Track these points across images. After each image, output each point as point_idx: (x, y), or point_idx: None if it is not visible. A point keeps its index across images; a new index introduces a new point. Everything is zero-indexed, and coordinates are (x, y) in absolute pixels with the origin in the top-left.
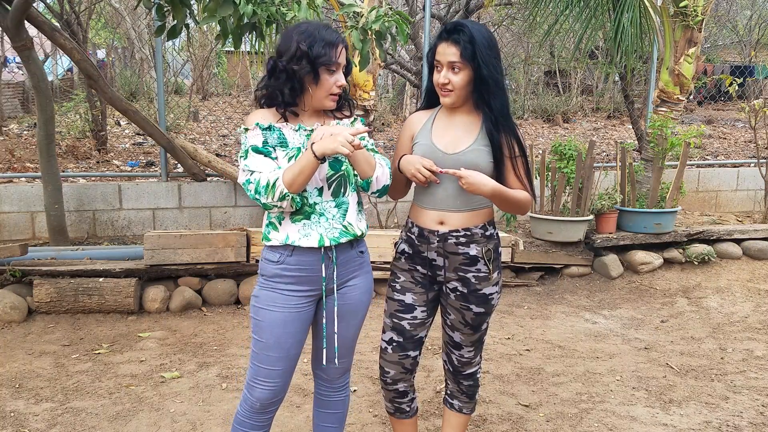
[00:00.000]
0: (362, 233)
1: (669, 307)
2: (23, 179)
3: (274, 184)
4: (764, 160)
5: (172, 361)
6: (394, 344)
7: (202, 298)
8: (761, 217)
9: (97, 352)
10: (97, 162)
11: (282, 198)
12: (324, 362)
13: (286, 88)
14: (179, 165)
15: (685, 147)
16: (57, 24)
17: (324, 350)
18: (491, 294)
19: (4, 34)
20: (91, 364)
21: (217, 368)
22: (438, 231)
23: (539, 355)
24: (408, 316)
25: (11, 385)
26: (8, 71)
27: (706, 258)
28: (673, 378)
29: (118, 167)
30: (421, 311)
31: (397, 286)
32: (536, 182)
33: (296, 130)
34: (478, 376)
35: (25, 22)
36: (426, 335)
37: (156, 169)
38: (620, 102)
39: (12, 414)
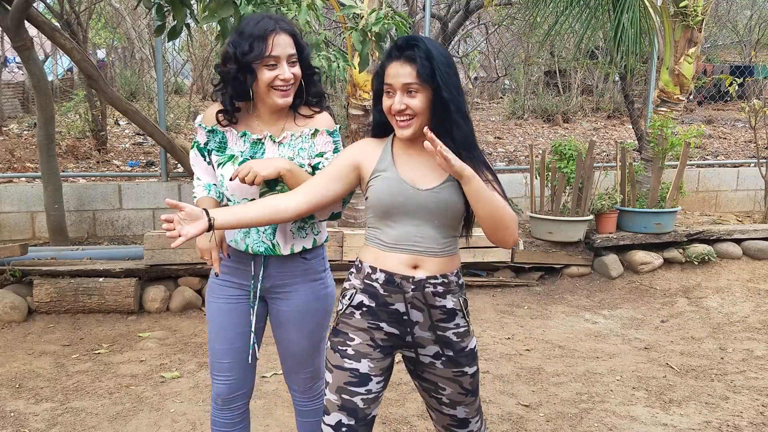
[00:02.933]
0: (294, 252)
1: (669, 307)
2: (23, 179)
3: None
4: (764, 160)
5: (172, 361)
6: (344, 430)
7: (202, 298)
8: (761, 217)
9: (97, 352)
10: (97, 162)
11: None
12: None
13: (227, 94)
14: (179, 165)
15: (685, 147)
16: (57, 24)
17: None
18: (474, 347)
19: (4, 34)
20: (91, 364)
21: None
22: (413, 277)
23: (539, 355)
24: (362, 389)
25: (11, 385)
26: (8, 71)
27: (706, 258)
28: (673, 378)
29: (118, 167)
30: (377, 382)
31: (349, 351)
32: (536, 182)
33: (240, 137)
34: None
35: (25, 22)
36: (376, 414)
37: (156, 169)
38: (620, 102)
39: (12, 414)
